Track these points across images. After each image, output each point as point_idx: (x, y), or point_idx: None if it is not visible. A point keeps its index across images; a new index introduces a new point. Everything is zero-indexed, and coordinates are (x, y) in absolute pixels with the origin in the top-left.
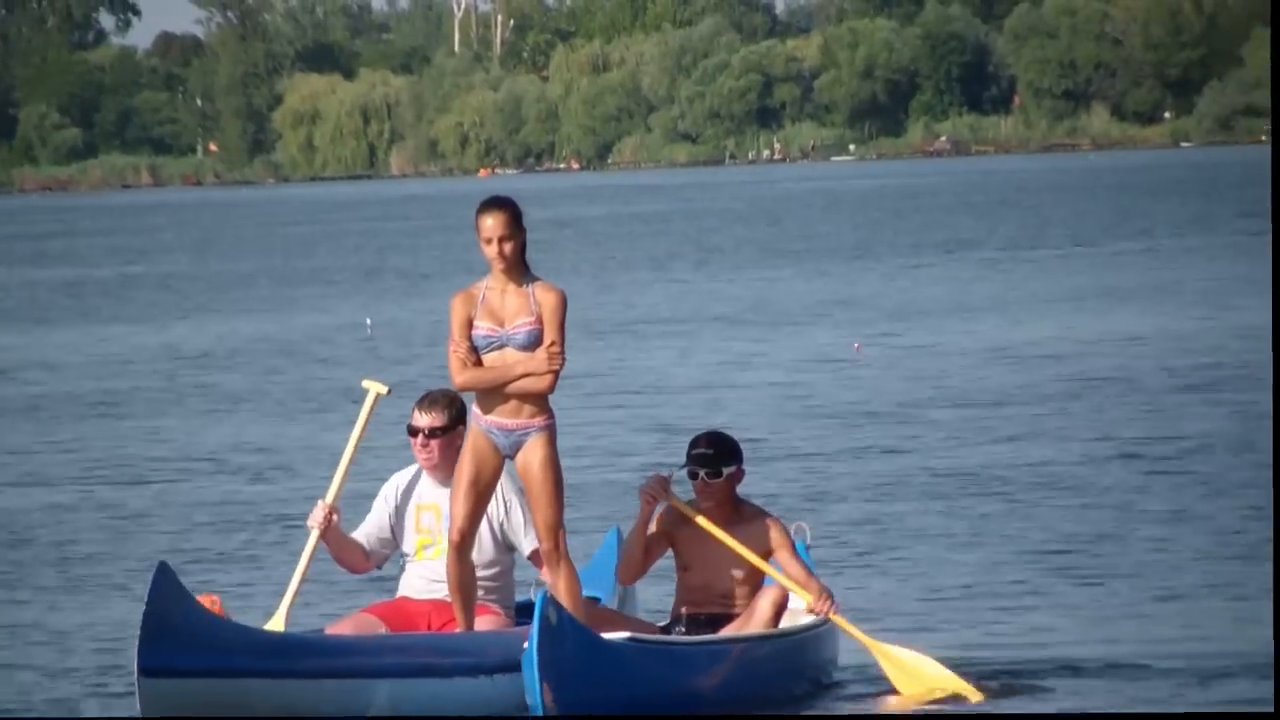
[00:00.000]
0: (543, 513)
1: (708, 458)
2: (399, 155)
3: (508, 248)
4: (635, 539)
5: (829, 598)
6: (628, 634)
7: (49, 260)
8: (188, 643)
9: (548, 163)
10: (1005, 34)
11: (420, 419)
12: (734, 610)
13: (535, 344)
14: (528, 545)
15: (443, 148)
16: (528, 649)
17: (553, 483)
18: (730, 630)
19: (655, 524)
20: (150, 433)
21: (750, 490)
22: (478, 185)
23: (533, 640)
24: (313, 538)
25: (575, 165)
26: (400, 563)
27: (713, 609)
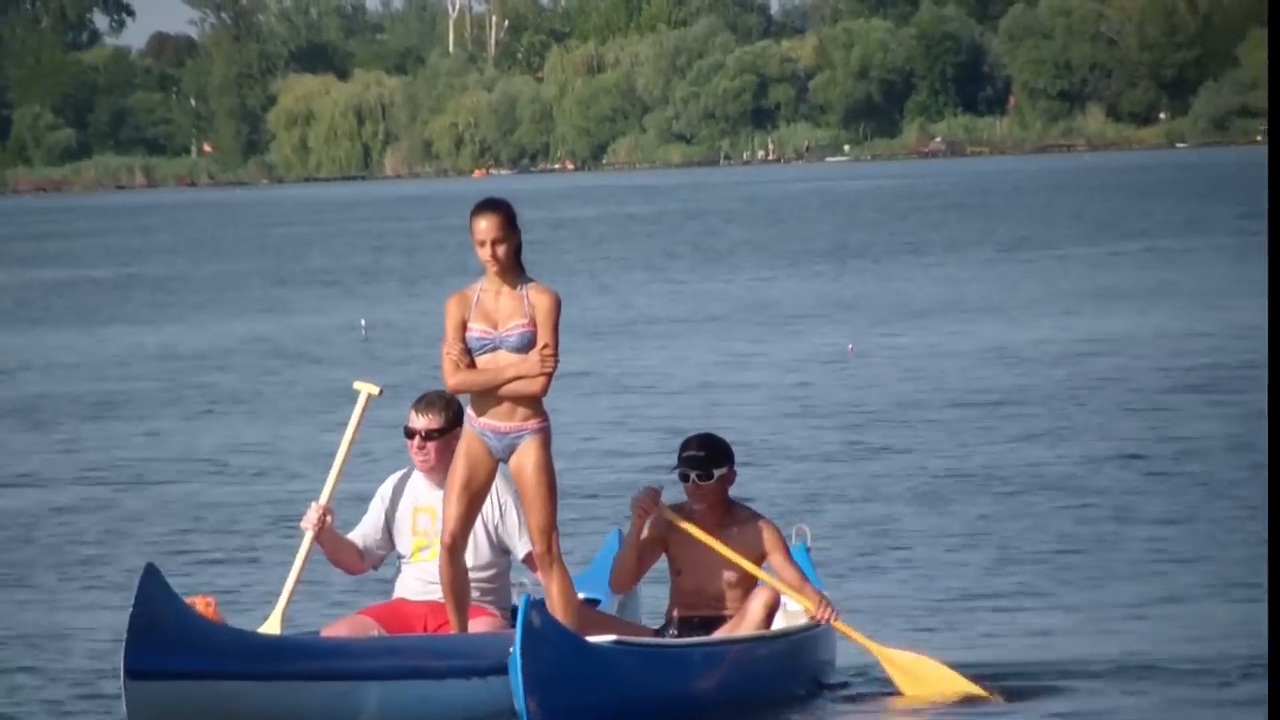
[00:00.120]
0: (535, 516)
1: (698, 460)
2: (393, 156)
3: (501, 250)
4: (628, 550)
5: (828, 604)
6: (613, 637)
7: (43, 261)
8: (175, 645)
9: (542, 163)
10: (1000, 34)
11: (417, 421)
12: (727, 613)
13: (528, 346)
14: (522, 548)
15: (437, 148)
16: (512, 654)
17: (546, 486)
18: (722, 633)
19: (648, 529)
20: (144, 434)
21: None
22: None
23: (516, 645)
24: (307, 539)
25: (570, 166)
26: (396, 564)
27: (705, 612)
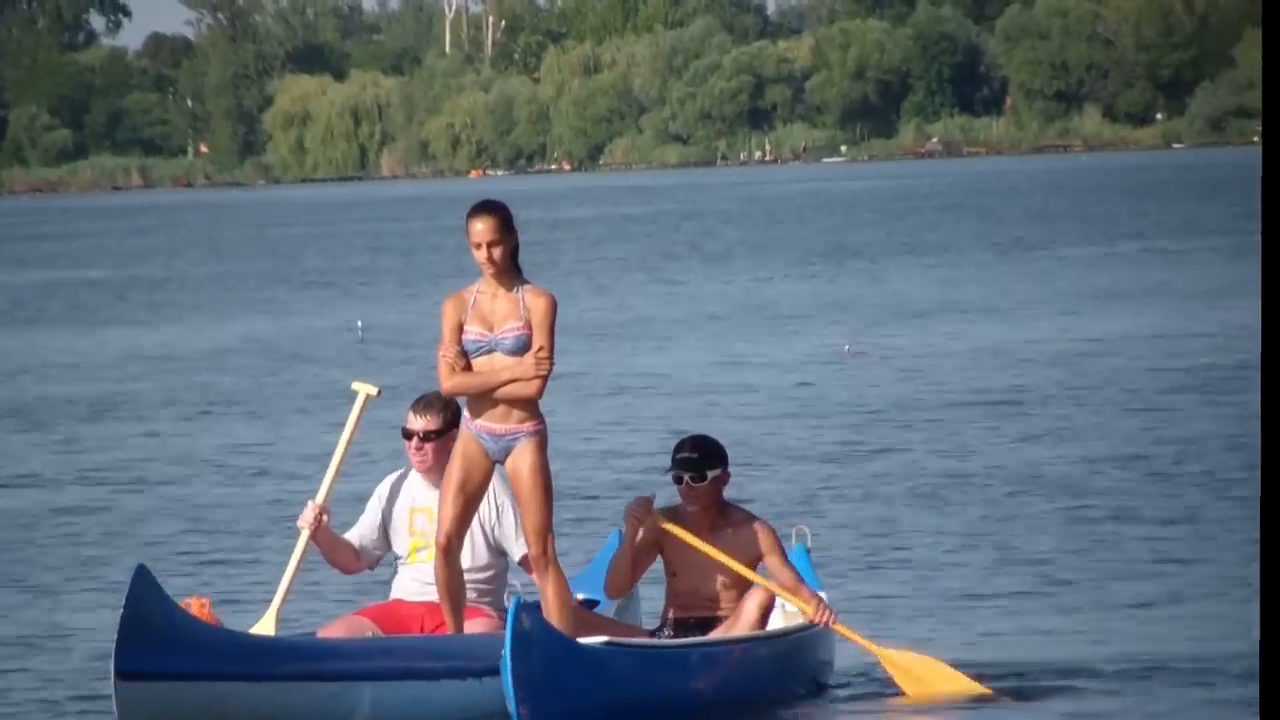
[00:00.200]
0: (531, 518)
1: (692, 461)
2: (390, 157)
3: (496, 252)
4: (622, 556)
5: (825, 607)
6: (604, 638)
7: (39, 262)
8: (165, 645)
9: (539, 164)
10: (997, 35)
11: (415, 422)
12: (722, 614)
13: (523, 349)
14: (518, 550)
15: (433, 149)
16: (503, 656)
17: (541, 488)
18: (717, 634)
19: (643, 533)
20: (142, 434)
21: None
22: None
23: (506, 648)
24: (303, 538)
25: (566, 166)
26: (394, 565)
27: (701, 613)
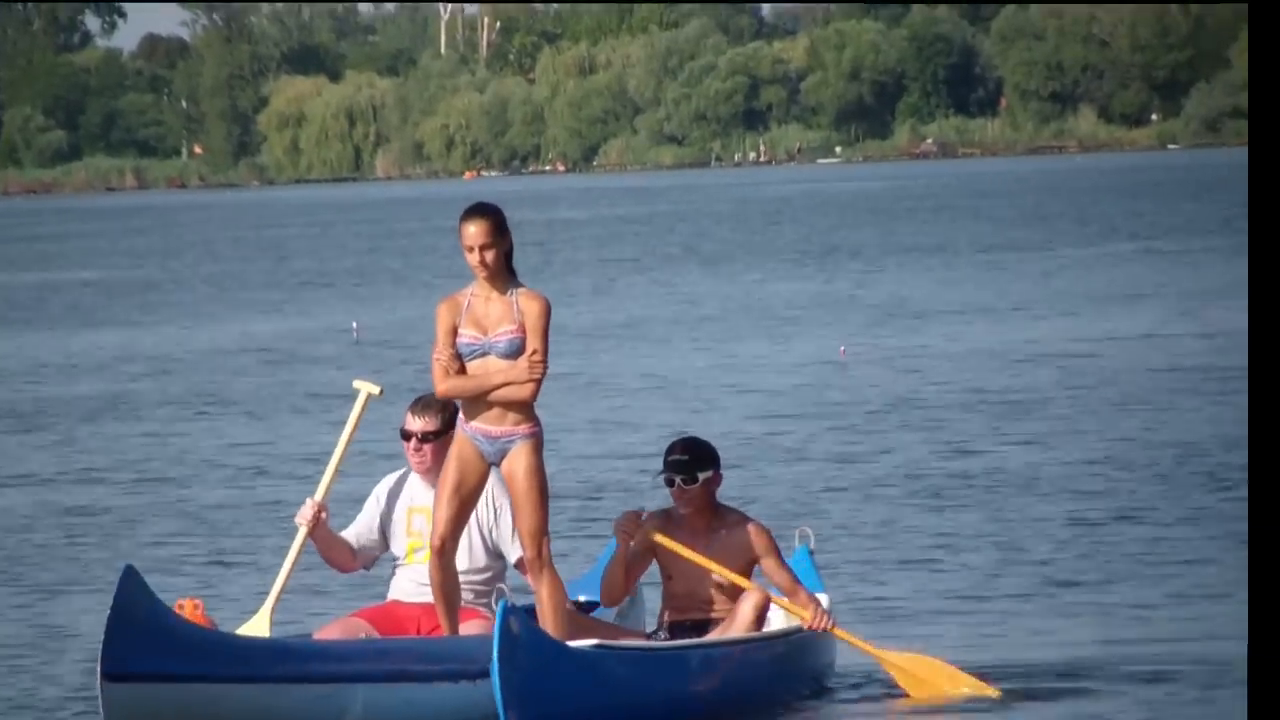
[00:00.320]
0: (526, 520)
1: (683, 464)
2: (384, 158)
3: (489, 256)
4: (615, 567)
5: (824, 613)
6: (595, 641)
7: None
8: (153, 647)
9: (533, 165)
10: (992, 36)
11: (413, 423)
12: (718, 616)
13: (517, 352)
14: (514, 553)
15: (428, 150)
16: (492, 660)
17: (537, 490)
18: (713, 636)
19: (635, 544)
20: (139, 435)
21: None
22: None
23: (494, 652)
24: (300, 535)
25: (561, 167)
26: (391, 566)
27: (696, 615)
